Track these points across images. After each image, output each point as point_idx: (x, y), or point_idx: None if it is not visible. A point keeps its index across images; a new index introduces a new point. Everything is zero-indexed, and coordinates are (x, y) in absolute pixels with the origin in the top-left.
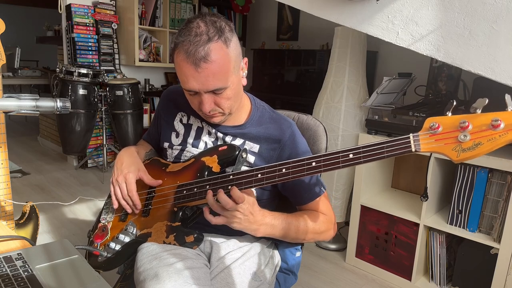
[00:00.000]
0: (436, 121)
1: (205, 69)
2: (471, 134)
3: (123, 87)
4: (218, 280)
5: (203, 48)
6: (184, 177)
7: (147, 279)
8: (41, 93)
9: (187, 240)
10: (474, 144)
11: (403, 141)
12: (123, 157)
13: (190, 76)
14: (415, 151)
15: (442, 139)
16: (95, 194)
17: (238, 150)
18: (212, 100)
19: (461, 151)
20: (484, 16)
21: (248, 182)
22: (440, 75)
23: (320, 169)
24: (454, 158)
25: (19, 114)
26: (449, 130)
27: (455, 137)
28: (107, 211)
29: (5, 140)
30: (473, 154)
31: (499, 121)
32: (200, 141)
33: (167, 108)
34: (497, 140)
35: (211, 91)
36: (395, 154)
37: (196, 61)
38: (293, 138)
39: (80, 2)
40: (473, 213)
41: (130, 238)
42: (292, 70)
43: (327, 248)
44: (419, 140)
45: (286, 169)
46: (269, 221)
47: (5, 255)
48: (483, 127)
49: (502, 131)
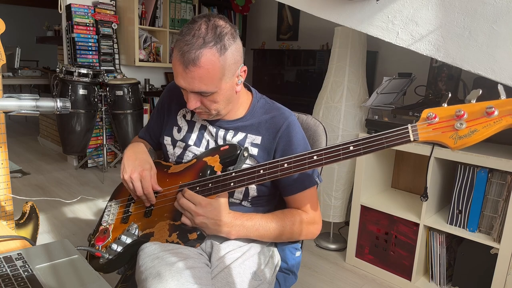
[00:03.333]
0: (433, 112)
1: (192, 71)
2: (467, 122)
3: (123, 87)
4: (219, 280)
5: (195, 52)
6: (187, 178)
7: (149, 278)
8: (41, 93)
9: (190, 237)
10: (470, 131)
11: (402, 131)
12: (136, 153)
13: (179, 74)
14: (414, 140)
15: (439, 128)
16: (95, 194)
17: (240, 149)
18: (197, 99)
19: (458, 138)
20: (484, 16)
21: (251, 179)
22: (440, 75)
23: (321, 162)
24: (452, 146)
25: (19, 114)
26: (445, 119)
27: (451, 126)
28: (108, 214)
29: (5, 140)
30: (470, 140)
31: (493, 108)
32: (202, 140)
33: (171, 100)
34: (492, 126)
35: (196, 92)
36: (394, 144)
37: (185, 63)
38: (290, 128)
39: (80, 2)
40: (473, 213)
41: (132, 238)
42: (292, 70)
43: (327, 248)
44: (417, 130)
45: (288, 163)
46: (240, 222)
47: (5, 255)
48: (478, 115)
49: (497, 117)
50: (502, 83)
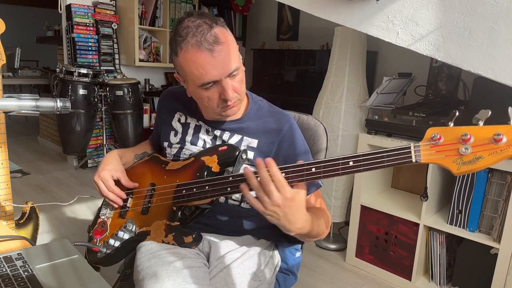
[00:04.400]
0: (438, 132)
1: (220, 52)
2: (472, 147)
3: (123, 87)
4: (217, 280)
5: (210, 34)
6: (184, 176)
7: (145, 278)
8: (41, 93)
9: (185, 240)
10: (475, 158)
11: (404, 151)
12: (103, 161)
13: (207, 65)
14: (416, 161)
15: (443, 151)
16: (95, 194)
17: (238, 151)
18: (232, 87)
19: (461, 164)
20: (484, 16)
21: None
22: (440, 75)
23: (320, 175)
24: (455, 171)
25: (19, 114)
26: (450, 142)
27: (456, 150)
28: (106, 206)
29: (5, 140)
30: (474, 167)
31: (501, 136)
32: (198, 139)
33: (166, 108)
34: (499, 154)
35: (229, 75)
36: (396, 164)
37: (210, 46)
38: (292, 131)
39: (80, 2)
40: (473, 213)
41: (129, 235)
42: (292, 70)
43: (327, 248)
44: (420, 151)
45: (286, 173)
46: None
47: (5, 255)
48: (485, 141)
49: (504, 145)
50: (502, 83)
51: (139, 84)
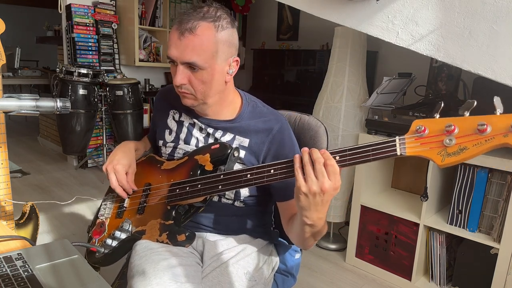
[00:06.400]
0: (422, 124)
1: (186, 39)
2: (456, 138)
3: (123, 87)
4: (210, 279)
5: (193, 22)
6: (178, 175)
7: (135, 275)
8: (41, 93)
9: (179, 239)
10: (460, 149)
11: (389, 145)
12: (119, 151)
13: (173, 43)
14: (400, 154)
15: (427, 143)
16: (95, 194)
17: (230, 149)
18: (186, 76)
19: (446, 155)
20: (484, 16)
21: (237, 183)
22: (440, 75)
23: None
24: (439, 163)
25: (19, 114)
26: (435, 133)
27: (440, 141)
28: (105, 207)
29: (5, 140)
30: (458, 159)
31: (485, 126)
32: (191, 137)
33: (161, 108)
34: (483, 145)
35: (186, 64)
36: (381, 158)
37: (182, 30)
38: (282, 132)
39: (80, 2)
40: (473, 213)
41: (126, 235)
42: (292, 70)
43: (327, 248)
44: (405, 143)
45: (274, 170)
46: (323, 219)
47: (5, 255)
48: (469, 131)
49: (489, 135)
50: (502, 83)
51: (139, 84)
